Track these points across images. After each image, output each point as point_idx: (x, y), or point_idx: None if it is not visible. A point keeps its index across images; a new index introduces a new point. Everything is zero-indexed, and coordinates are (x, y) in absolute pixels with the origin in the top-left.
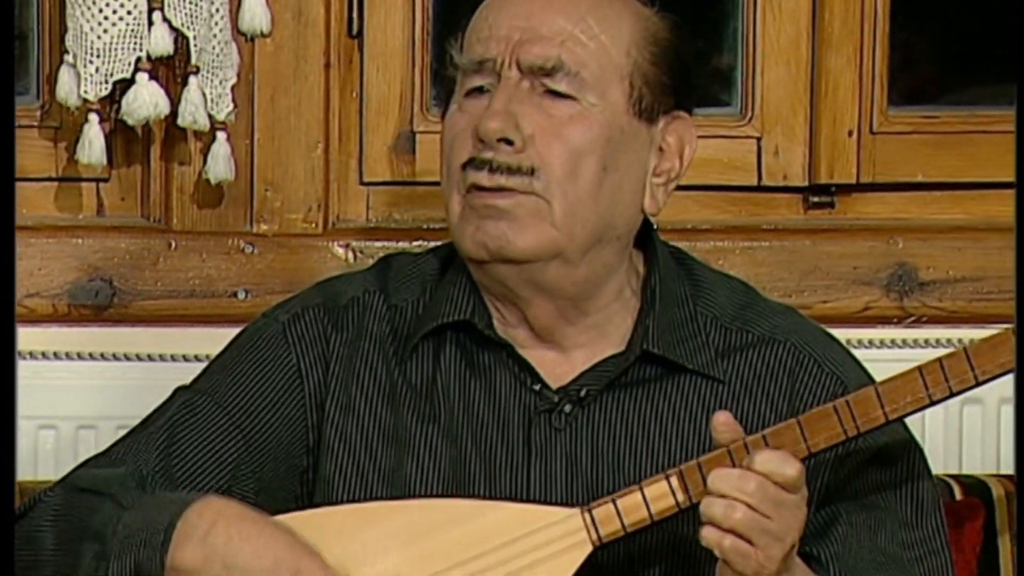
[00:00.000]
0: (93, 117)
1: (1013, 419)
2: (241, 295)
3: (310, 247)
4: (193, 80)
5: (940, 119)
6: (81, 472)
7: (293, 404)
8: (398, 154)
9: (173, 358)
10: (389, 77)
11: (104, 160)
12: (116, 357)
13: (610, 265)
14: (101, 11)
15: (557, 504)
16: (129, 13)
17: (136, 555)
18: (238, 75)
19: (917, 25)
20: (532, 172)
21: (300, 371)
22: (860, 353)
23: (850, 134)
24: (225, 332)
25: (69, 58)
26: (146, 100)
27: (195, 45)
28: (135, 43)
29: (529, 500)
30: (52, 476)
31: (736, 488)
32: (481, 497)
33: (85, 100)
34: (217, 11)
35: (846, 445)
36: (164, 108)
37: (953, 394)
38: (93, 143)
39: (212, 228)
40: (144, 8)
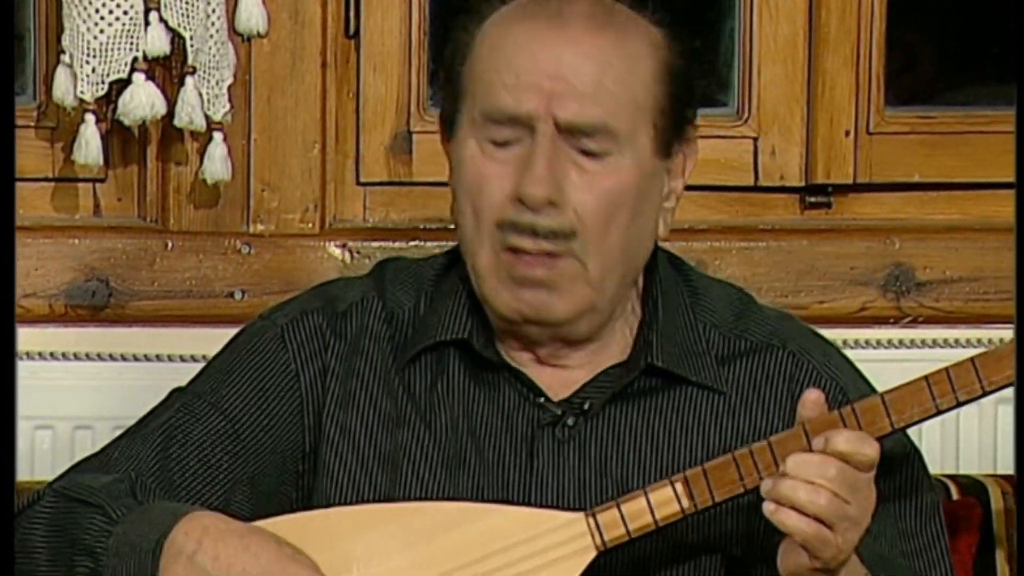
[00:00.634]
0: (89, 117)
1: (1013, 419)
2: (238, 295)
3: (307, 247)
4: (190, 80)
5: (937, 119)
6: (73, 479)
7: (290, 409)
8: (395, 154)
9: (170, 358)
10: (386, 77)
11: (100, 160)
12: (113, 357)
13: (624, 297)
14: (97, 11)
15: None
16: (125, 13)
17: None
18: (235, 75)
19: (914, 25)
20: (573, 234)
21: (298, 377)
22: (857, 354)
23: (847, 134)
24: (222, 332)
25: (65, 58)
26: (142, 100)
27: (191, 45)
28: (131, 43)
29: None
30: (49, 476)
31: (819, 474)
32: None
33: (81, 100)
34: (213, 11)
35: None
36: (160, 108)
37: (959, 404)
38: (89, 143)
39: (209, 228)
40: (140, 8)
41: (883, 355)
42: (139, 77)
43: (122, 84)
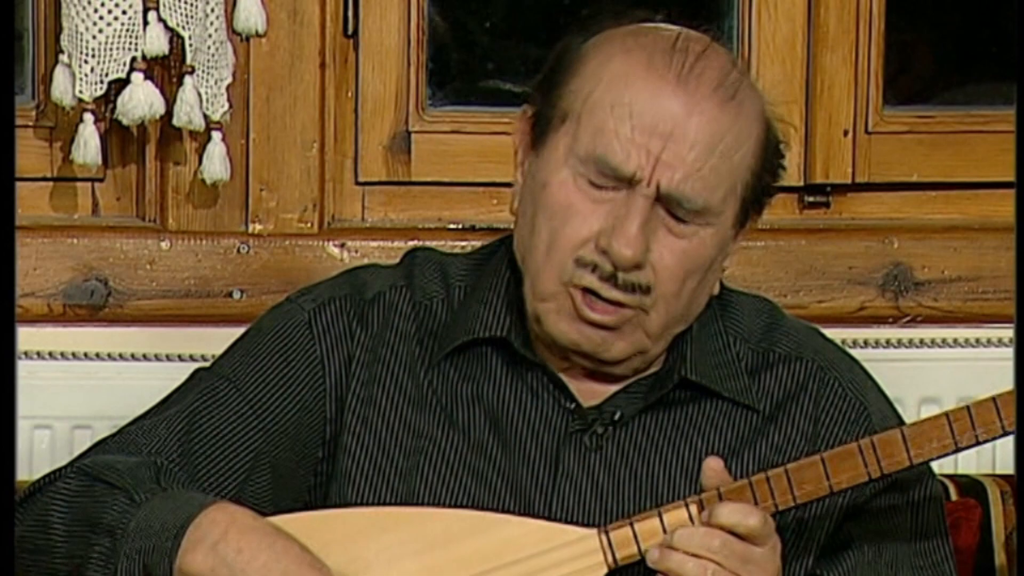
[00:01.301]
0: (88, 117)
1: (1014, 420)
2: (236, 295)
3: (305, 247)
4: (188, 80)
5: (935, 119)
6: (97, 459)
7: (313, 396)
8: (394, 154)
9: (168, 358)
10: (384, 77)
11: (99, 160)
12: (111, 357)
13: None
14: (96, 11)
15: (578, 524)
16: (124, 13)
17: (146, 557)
18: (233, 75)
19: (912, 25)
20: (648, 290)
21: (323, 363)
22: (855, 353)
23: (845, 134)
24: (221, 332)
25: (64, 58)
26: (141, 100)
27: (190, 45)
28: (130, 43)
29: (551, 518)
30: None
31: (702, 546)
32: (500, 511)
33: (80, 100)
34: (212, 11)
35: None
36: (159, 108)
37: (979, 442)
38: (88, 143)
39: (207, 228)
40: (139, 8)
41: (882, 354)
42: (138, 77)
43: (121, 84)
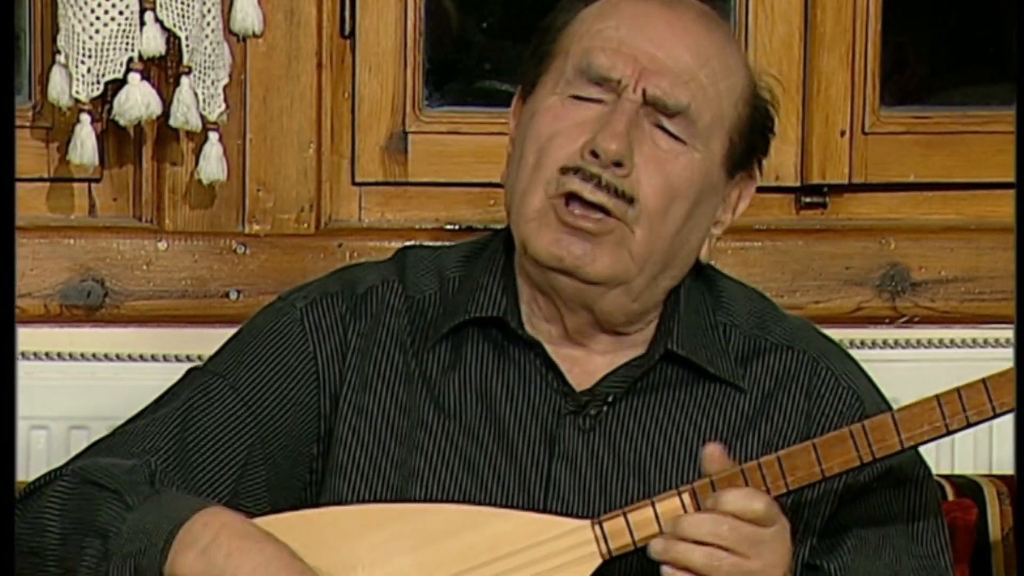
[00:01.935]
0: (85, 117)
1: (1013, 419)
2: (233, 295)
3: (302, 247)
4: (185, 80)
5: (932, 119)
6: (92, 461)
7: (307, 392)
8: (390, 154)
9: (165, 358)
10: (381, 77)
11: (96, 160)
12: (108, 357)
13: (656, 299)
14: (93, 11)
15: (576, 505)
16: (121, 13)
17: (137, 560)
18: (230, 75)
19: (909, 25)
20: (631, 201)
21: (316, 359)
22: (853, 353)
23: (842, 134)
24: (218, 332)
25: (61, 58)
26: (138, 100)
27: (187, 45)
28: (127, 43)
29: (549, 500)
30: None
31: (710, 532)
32: (498, 495)
33: (77, 100)
34: (209, 11)
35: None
36: (156, 108)
37: (970, 425)
38: (85, 143)
39: (204, 228)
40: (136, 8)
41: (878, 355)
42: (134, 77)
43: (117, 84)
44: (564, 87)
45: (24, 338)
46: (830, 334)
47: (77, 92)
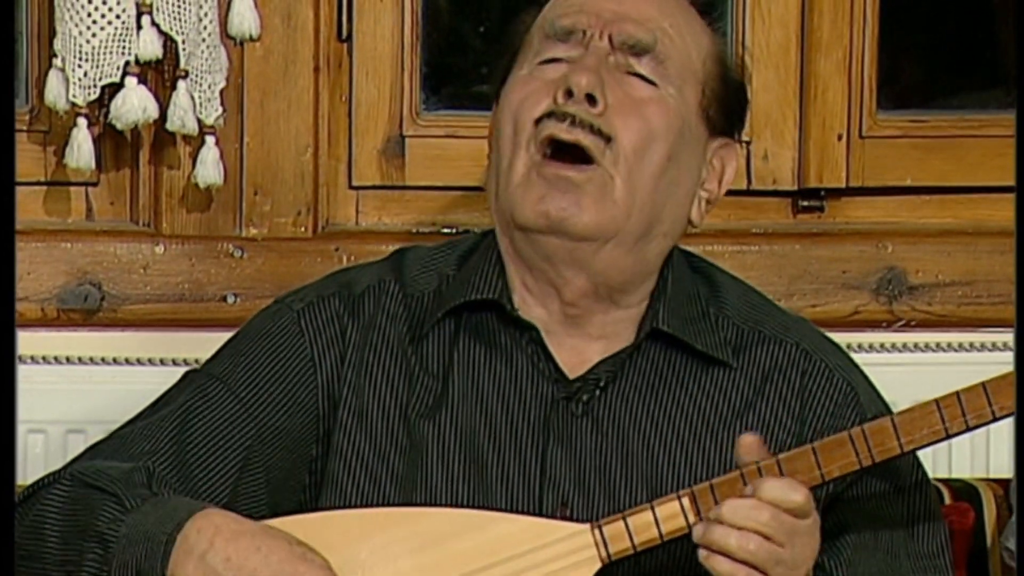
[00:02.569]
0: (82, 121)
1: (1013, 422)
2: (230, 299)
3: (299, 251)
4: (182, 84)
5: (929, 123)
6: (90, 465)
7: (305, 393)
8: (387, 158)
9: (162, 362)
10: (378, 81)
11: (93, 164)
12: (105, 361)
13: (651, 263)
14: (89, 15)
15: (572, 492)
16: (118, 17)
17: (138, 565)
18: (227, 79)
19: (906, 29)
20: (608, 140)
21: (314, 361)
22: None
23: (839, 138)
24: (215, 336)
25: (58, 62)
26: (135, 104)
27: (184, 49)
28: (124, 47)
29: (545, 486)
30: None
31: (749, 518)
32: (497, 484)
33: (74, 104)
34: (206, 15)
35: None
36: (153, 112)
37: (969, 429)
38: (82, 147)
39: (201, 232)
40: (133, 12)
41: (876, 359)
42: (131, 81)
43: (114, 88)
44: (533, 60)
45: (21, 342)
46: None
47: (74, 96)
